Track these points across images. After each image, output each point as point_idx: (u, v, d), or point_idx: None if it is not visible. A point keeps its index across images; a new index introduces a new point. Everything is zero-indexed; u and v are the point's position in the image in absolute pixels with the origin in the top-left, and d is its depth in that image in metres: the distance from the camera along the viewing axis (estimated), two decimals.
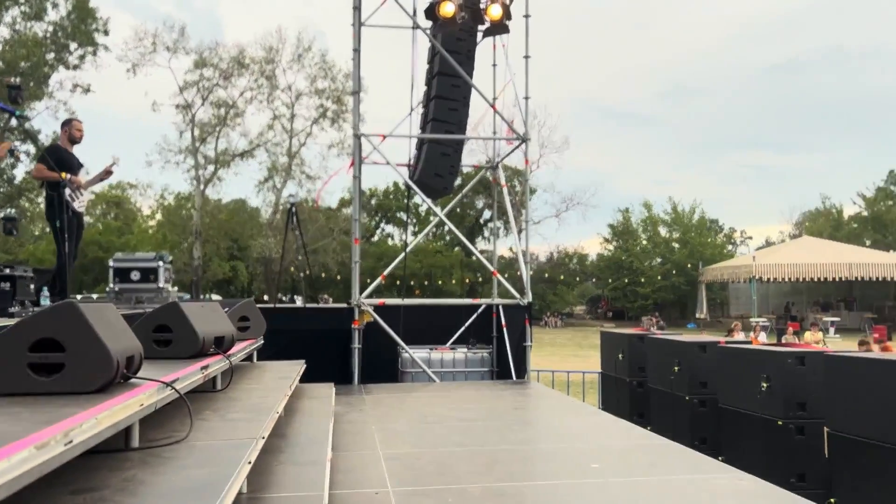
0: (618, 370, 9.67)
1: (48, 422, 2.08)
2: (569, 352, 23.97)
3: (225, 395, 4.29)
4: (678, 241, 43.41)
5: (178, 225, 36.84)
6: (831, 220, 46.92)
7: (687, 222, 43.87)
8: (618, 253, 43.66)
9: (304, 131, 34.77)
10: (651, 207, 44.83)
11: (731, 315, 34.80)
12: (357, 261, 8.83)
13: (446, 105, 9.16)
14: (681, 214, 44.20)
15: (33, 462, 1.75)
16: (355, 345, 8.61)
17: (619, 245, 44.12)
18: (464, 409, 6.67)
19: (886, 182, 48.06)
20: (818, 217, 48.23)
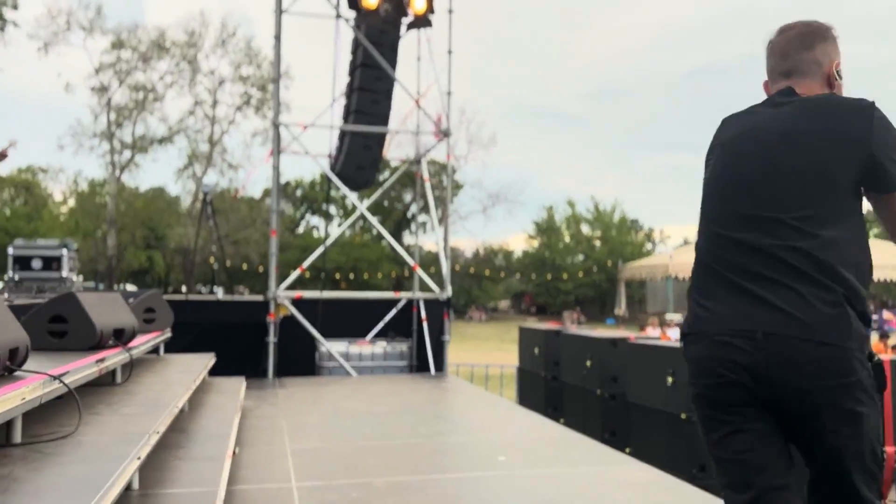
0: (534, 365, 9.83)
1: None
2: (492, 346, 24.25)
3: (123, 389, 4.14)
4: (599, 239, 44.51)
5: (92, 212, 35.34)
6: None
7: (608, 221, 45.02)
8: (542, 249, 44.43)
9: (227, 119, 33.89)
10: (574, 206, 45.85)
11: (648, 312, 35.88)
12: (274, 252, 8.67)
13: (369, 97, 9.08)
14: (602, 213, 45.33)
15: None
16: (270, 338, 8.46)
17: (544, 242, 44.91)
18: (378, 402, 6.65)
19: None
20: None
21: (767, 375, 1.77)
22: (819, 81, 2.00)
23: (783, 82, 2.03)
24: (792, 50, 2.03)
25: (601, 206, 45.66)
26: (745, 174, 1.93)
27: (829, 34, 2.03)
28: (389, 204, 39.97)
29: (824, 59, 2.00)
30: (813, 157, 1.84)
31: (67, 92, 34.34)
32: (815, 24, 2.04)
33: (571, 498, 3.68)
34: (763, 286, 1.80)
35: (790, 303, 1.76)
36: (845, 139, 1.82)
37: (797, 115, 1.90)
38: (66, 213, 39.08)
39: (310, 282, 26.74)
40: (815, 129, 1.85)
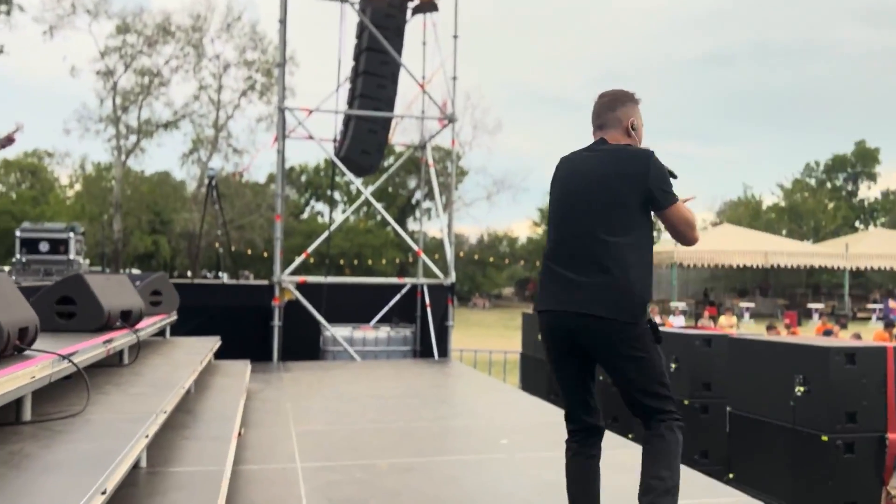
0: (537, 351, 9.87)
1: None
2: (495, 332, 24.32)
3: (130, 370, 4.19)
4: None
5: (98, 196, 35.41)
6: (751, 210, 48.77)
7: None
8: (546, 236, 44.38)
9: (232, 103, 33.85)
10: None
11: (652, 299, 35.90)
12: (279, 237, 8.71)
13: (375, 81, 9.09)
14: None
15: None
16: (275, 322, 8.51)
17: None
18: (382, 387, 6.70)
19: (803, 174, 50.31)
20: (739, 206, 50.07)
21: (579, 337, 2.71)
22: (621, 133, 2.86)
23: (598, 133, 2.89)
24: (602, 111, 2.90)
25: None
26: (573, 206, 2.80)
27: (629, 99, 2.90)
28: (394, 190, 39.96)
29: (623, 117, 2.86)
30: (614, 191, 2.70)
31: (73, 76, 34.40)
32: (620, 92, 2.93)
33: None
34: (576, 279, 2.70)
35: (591, 289, 2.66)
36: (632, 177, 2.69)
37: (604, 161, 2.76)
38: (72, 198, 39.16)
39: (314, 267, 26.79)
40: (614, 172, 2.71)
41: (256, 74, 33.46)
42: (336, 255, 34.37)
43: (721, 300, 32.61)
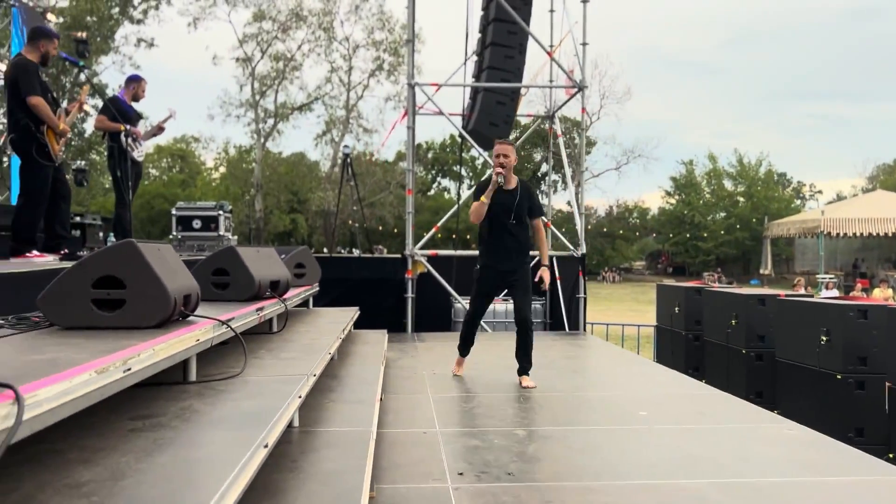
0: (674, 323, 9.57)
1: (108, 351, 2.20)
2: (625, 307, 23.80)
3: (280, 336, 4.43)
4: (743, 195, 42.20)
5: (240, 178, 37.56)
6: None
7: (753, 175, 42.53)
8: (679, 206, 42.76)
9: (361, 84, 34.77)
10: (715, 160, 43.60)
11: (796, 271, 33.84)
12: (410, 211, 8.89)
13: (502, 52, 9.02)
14: (747, 167, 42.86)
15: (93, 385, 1.86)
16: (409, 294, 8.73)
17: (682, 199, 43.15)
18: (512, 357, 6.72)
19: None
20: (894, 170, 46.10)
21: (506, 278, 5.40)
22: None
23: None
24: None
25: (745, 159, 43.14)
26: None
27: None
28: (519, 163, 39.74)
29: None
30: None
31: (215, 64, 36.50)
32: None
33: (717, 453, 3.59)
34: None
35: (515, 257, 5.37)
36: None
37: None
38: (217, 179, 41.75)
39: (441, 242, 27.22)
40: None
41: (384, 54, 34.16)
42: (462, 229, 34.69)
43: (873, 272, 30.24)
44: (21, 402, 1.46)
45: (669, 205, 44.33)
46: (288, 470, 2.50)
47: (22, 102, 5.23)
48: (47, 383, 1.66)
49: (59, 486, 1.68)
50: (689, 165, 43.96)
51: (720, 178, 43.37)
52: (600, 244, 41.79)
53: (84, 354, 2.15)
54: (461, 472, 3.26)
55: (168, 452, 1.97)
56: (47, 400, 1.60)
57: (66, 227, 5.71)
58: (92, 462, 1.87)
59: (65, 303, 2.75)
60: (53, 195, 5.48)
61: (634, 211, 46.49)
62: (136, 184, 6.84)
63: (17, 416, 1.43)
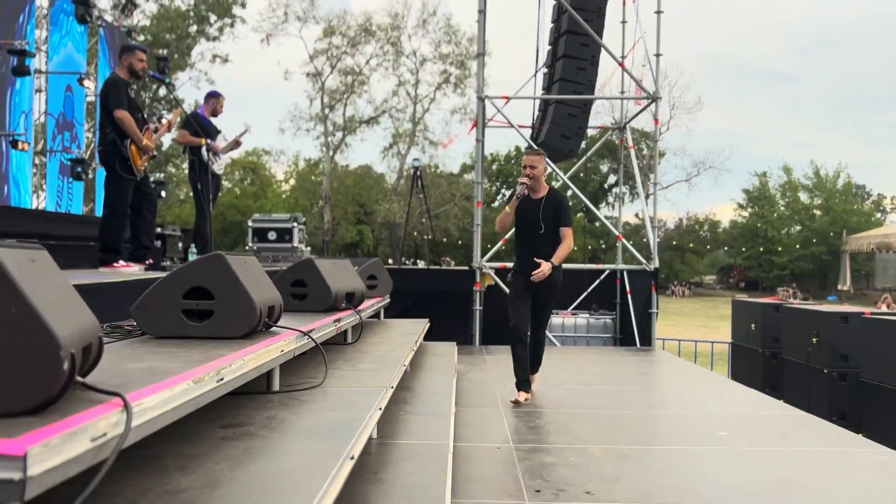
0: (750, 340, 9.29)
1: (201, 361, 2.27)
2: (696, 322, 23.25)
3: (355, 347, 4.48)
4: (820, 208, 40.75)
5: (309, 190, 38.34)
6: None
7: (830, 187, 41.04)
8: (752, 220, 41.57)
9: (428, 97, 35.09)
10: (791, 172, 42.25)
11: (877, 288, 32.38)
12: (479, 223, 8.90)
13: (574, 64, 8.97)
14: (823, 179, 41.39)
15: (191, 394, 1.92)
16: (476, 306, 8.72)
17: (755, 211, 41.95)
18: (586, 372, 6.64)
19: None
20: None
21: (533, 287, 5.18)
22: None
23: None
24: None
25: (822, 171, 41.65)
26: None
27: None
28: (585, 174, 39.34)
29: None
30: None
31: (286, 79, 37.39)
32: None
33: (804, 477, 3.45)
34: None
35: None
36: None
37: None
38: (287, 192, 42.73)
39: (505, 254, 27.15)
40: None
41: (451, 67, 34.41)
42: None
43: None
44: (129, 410, 1.51)
45: (742, 217, 43.16)
46: (370, 482, 2.53)
47: (110, 116, 5.47)
48: (151, 392, 1.72)
49: (160, 491, 1.74)
50: (763, 177, 42.74)
51: (796, 191, 41.98)
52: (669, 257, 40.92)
53: (178, 364, 2.22)
54: (538, 489, 3.23)
55: (259, 461, 2.01)
56: (151, 408, 1.66)
57: (151, 238, 5.94)
58: (188, 469, 1.93)
59: (157, 312, 2.86)
60: (138, 207, 5.71)
61: (705, 224, 45.39)
62: (216, 196, 7.06)
63: (126, 423, 1.49)
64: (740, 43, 69.76)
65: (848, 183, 41.66)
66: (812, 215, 40.72)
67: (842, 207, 39.67)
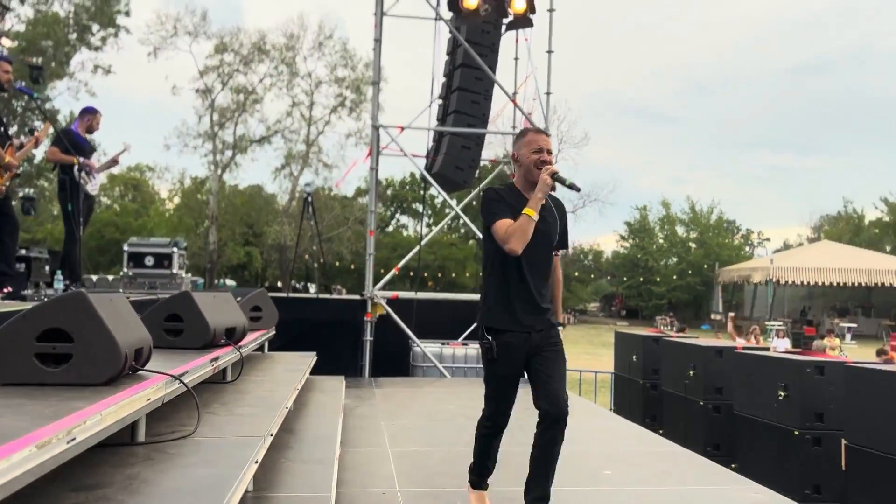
0: (631, 371, 9.56)
1: (52, 417, 2.03)
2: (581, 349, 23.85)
3: (234, 387, 4.24)
4: (695, 241, 43.08)
5: (195, 209, 36.96)
6: (851, 225, 46.31)
7: (705, 222, 43.50)
8: (634, 251, 43.39)
9: (323, 119, 34.75)
10: (669, 206, 44.48)
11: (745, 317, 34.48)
12: (371, 253, 8.77)
13: (468, 97, 9.05)
14: (699, 214, 43.84)
15: (34, 462, 1.69)
16: (367, 337, 8.56)
17: (636, 243, 43.83)
18: (474, 407, 6.58)
19: None
20: (838, 221, 47.62)
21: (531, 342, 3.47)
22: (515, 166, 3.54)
23: None
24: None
25: (697, 206, 44.16)
26: None
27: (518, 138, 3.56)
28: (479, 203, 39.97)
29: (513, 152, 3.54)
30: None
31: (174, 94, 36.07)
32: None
33: None
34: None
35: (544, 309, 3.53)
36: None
37: None
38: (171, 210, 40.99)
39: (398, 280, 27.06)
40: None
41: (346, 91, 34.26)
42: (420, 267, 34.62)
43: (819, 319, 31.01)
44: None
45: (624, 248, 44.98)
46: None
47: None
48: None
49: None
50: (644, 211, 44.79)
51: (673, 224, 44.22)
52: None
53: (24, 421, 1.97)
54: None
55: None
56: None
57: (10, 264, 5.45)
58: None
59: (5, 356, 2.56)
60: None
61: (590, 253, 47.03)
62: (88, 218, 6.60)
63: None
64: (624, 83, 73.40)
65: (720, 218, 44.29)
66: (688, 248, 42.97)
67: (715, 241, 42.10)
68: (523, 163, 3.40)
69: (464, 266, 37.17)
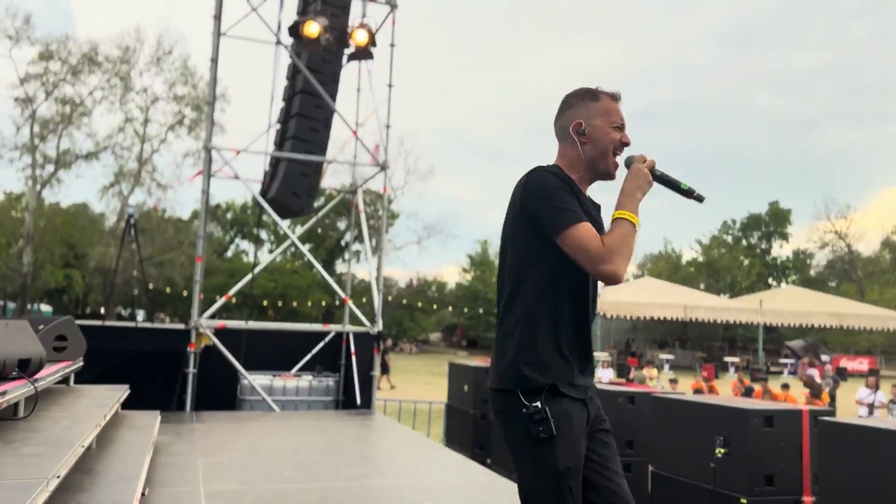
0: (463, 402, 9.73)
1: None
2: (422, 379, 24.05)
3: (26, 424, 3.85)
4: None
5: (8, 227, 33.71)
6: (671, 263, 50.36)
7: None
8: (475, 283, 44.62)
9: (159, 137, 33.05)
10: None
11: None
12: (198, 280, 8.38)
13: (308, 124, 8.95)
14: None
15: None
16: (190, 369, 8.12)
17: (477, 275, 45.13)
18: (301, 441, 6.44)
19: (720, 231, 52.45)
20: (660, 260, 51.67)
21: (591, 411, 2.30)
22: (567, 144, 2.32)
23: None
24: (554, 120, 2.39)
25: None
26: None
27: (577, 98, 2.33)
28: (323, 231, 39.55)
29: (568, 123, 2.31)
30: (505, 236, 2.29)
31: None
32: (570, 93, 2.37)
33: None
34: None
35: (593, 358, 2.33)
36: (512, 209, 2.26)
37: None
38: None
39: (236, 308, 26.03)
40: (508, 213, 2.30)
41: (186, 109, 32.86)
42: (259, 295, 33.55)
43: (642, 351, 33.28)
44: None
45: (466, 280, 46.16)
46: None
47: None
48: None
49: None
50: (485, 244, 46.34)
51: None
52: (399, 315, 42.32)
53: None
54: None
55: None
56: None
57: None
58: None
59: None
60: None
61: (433, 284, 47.80)
62: None
63: None
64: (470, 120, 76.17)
65: None
66: None
67: None
68: (598, 140, 2.27)
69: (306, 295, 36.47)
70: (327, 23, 8.31)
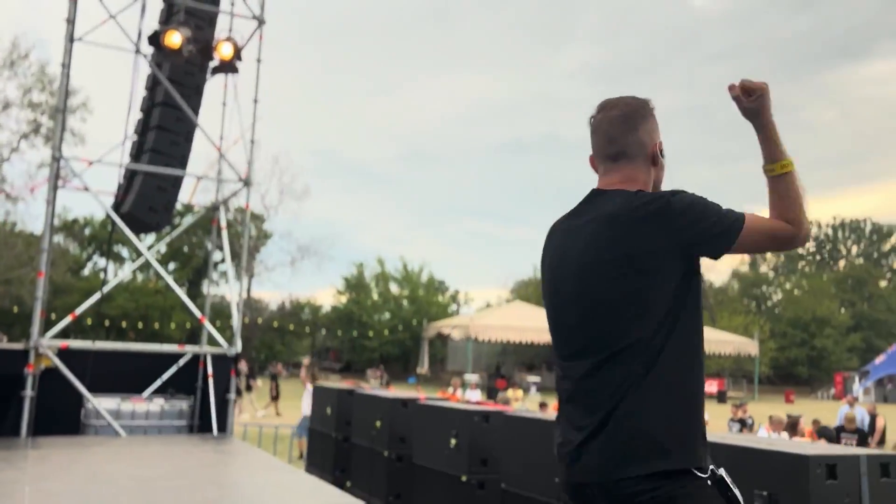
0: (325, 425, 9.59)
1: None
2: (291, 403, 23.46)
3: None
4: (407, 298, 45.19)
5: None
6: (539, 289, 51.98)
7: (416, 280, 45.93)
8: (349, 305, 44.24)
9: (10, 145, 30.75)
10: (384, 264, 46.33)
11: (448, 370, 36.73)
12: (39, 297, 7.83)
13: (168, 137, 8.64)
14: (411, 273, 46.20)
15: None
16: (27, 392, 7.55)
17: (352, 298, 44.78)
18: (146, 466, 6.12)
19: None
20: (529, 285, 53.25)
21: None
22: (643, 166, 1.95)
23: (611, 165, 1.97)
24: (617, 131, 1.94)
25: (409, 265, 46.57)
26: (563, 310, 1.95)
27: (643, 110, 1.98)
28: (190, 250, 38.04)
29: (647, 139, 1.95)
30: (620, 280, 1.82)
31: None
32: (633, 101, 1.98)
33: None
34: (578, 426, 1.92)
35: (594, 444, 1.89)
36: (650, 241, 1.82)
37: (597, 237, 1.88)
38: None
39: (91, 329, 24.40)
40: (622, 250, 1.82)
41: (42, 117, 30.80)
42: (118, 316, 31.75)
43: (510, 373, 34.06)
44: None
45: (341, 303, 45.67)
46: None
47: None
48: None
49: None
50: (361, 267, 46.10)
51: (387, 281, 46.04)
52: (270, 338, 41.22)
53: None
54: None
55: None
56: None
57: None
58: None
59: None
60: None
61: (307, 307, 46.95)
62: None
63: None
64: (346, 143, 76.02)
65: (430, 278, 47.14)
66: (400, 304, 44.94)
67: (425, 299, 44.60)
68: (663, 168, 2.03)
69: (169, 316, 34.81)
70: (191, 34, 8.09)
